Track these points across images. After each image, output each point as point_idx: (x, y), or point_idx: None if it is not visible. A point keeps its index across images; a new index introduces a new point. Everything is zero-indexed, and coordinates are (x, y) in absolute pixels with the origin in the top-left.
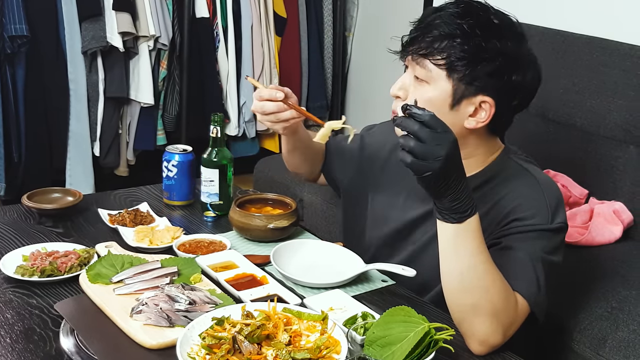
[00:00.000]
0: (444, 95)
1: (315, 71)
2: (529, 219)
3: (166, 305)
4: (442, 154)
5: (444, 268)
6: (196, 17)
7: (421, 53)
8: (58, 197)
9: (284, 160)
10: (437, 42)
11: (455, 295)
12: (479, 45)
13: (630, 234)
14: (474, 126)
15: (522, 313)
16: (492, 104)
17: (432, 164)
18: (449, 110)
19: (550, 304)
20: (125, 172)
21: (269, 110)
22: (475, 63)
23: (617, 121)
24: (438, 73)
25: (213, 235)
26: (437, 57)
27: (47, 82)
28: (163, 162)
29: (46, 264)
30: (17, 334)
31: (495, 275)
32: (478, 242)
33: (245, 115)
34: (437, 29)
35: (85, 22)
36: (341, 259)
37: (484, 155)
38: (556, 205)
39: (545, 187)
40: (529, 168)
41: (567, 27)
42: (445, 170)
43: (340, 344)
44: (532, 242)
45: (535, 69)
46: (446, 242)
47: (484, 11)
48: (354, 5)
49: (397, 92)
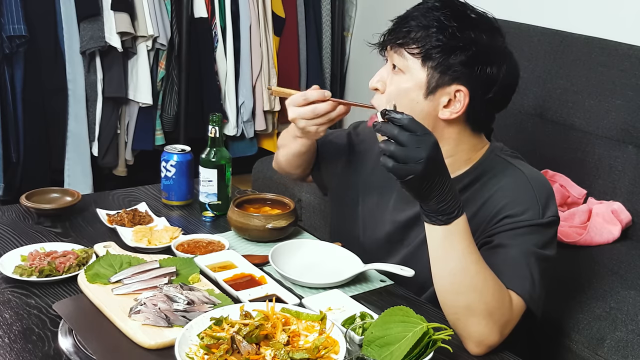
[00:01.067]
0: (420, 83)
1: (313, 71)
2: (520, 215)
3: (165, 305)
4: (422, 156)
5: (434, 270)
6: (195, 17)
7: (398, 43)
8: (56, 197)
9: (283, 161)
10: (413, 32)
11: (447, 297)
12: (453, 34)
13: (629, 234)
14: (448, 117)
15: (517, 311)
16: (466, 93)
17: (414, 166)
18: (423, 99)
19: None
20: (124, 172)
21: (322, 111)
22: (449, 51)
23: (615, 121)
24: (413, 62)
25: (211, 235)
26: (412, 46)
27: (45, 82)
28: (161, 162)
29: (45, 264)
30: (16, 334)
31: (487, 275)
32: (467, 243)
33: (243, 115)
34: (414, 20)
35: (84, 22)
36: (339, 259)
37: (467, 153)
38: (546, 199)
39: (534, 181)
40: (516, 163)
41: (566, 27)
42: (428, 172)
43: (339, 344)
44: (524, 238)
45: (511, 65)
46: (435, 245)
47: (461, 6)
48: (353, 5)
49: (375, 84)
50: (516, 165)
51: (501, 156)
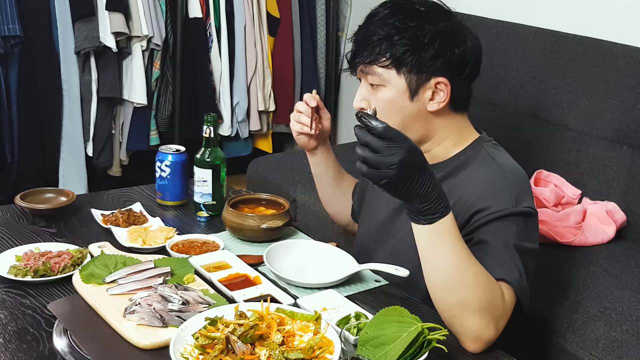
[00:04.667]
0: (402, 90)
1: (308, 71)
2: (492, 207)
3: (159, 305)
4: (395, 161)
5: (425, 269)
6: (189, 17)
7: (367, 62)
8: (51, 197)
9: (322, 200)
10: (378, 47)
11: (440, 295)
12: (415, 34)
13: (623, 234)
14: (437, 108)
15: (509, 302)
16: (447, 82)
17: (387, 172)
18: (410, 102)
19: (544, 304)
20: (119, 172)
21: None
22: (417, 51)
23: (610, 121)
24: (389, 73)
25: (206, 236)
26: (382, 60)
27: (40, 83)
28: (156, 162)
29: (39, 264)
30: (11, 334)
31: (478, 269)
32: (455, 240)
33: (238, 115)
34: (374, 35)
35: (78, 22)
36: (334, 259)
37: (455, 137)
38: (520, 190)
39: (508, 172)
40: (495, 156)
41: (560, 28)
42: (402, 177)
43: (334, 344)
44: (500, 229)
45: (472, 36)
46: (422, 244)
47: (407, 4)
48: (347, 5)
49: (360, 104)
50: (494, 157)
51: (485, 148)
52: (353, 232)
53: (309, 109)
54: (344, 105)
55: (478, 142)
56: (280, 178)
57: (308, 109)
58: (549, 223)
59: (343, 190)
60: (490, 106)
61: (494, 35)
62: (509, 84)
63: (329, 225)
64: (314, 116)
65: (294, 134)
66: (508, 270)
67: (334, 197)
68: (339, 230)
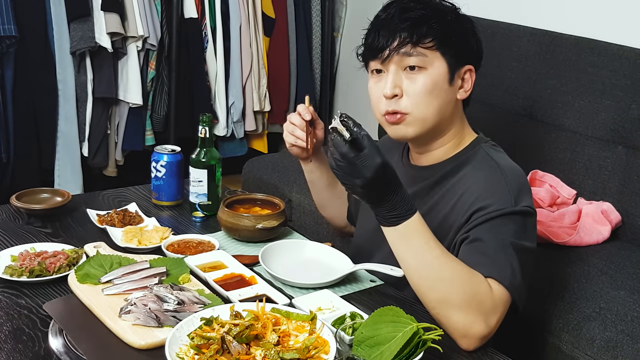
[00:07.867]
0: (443, 73)
1: (303, 72)
2: (491, 206)
3: (155, 305)
4: (366, 175)
5: (402, 268)
6: (185, 17)
7: (411, 42)
8: (47, 197)
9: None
10: (416, 28)
11: (421, 292)
12: (457, 18)
13: (619, 234)
14: (464, 96)
15: (500, 299)
16: (473, 70)
17: (356, 181)
18: (448, 87)
19: (539, 305)
20: (114, 172)
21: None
22: (460, 35)
23: (605, 121)
24: (433, 55)
25: (202, 236)
26: (425, 41)
27: (35, 83)
28: (151, 162)
29: (35, 264)
30: (6, 334)
31: (456, 266)
32: (425, 239)
33: (233, 115)
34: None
35: (74, 22)
36: (330, 259)
37: (459, 136)
38: (519, 190)
39: (508, 172)
40: (494, 156)
41: (555, 28)
42: (369, 189)
43: (329, 344)
44: (498, 228)
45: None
46: (394, 244)
47: None
48: (342, 5)
49: (394, 90)
50: (494, 158)
51: (483, 148)
52: (350, 234)
53: (303, 122)
54: (339, 105)
55: (476, 142)
56: (276, 178)
57: (302, 122)
58: (544, 223)
59: (338, 194)
60: (485, 106)
61: (489, 35)
62: (504, 84)
63: (324, 225)
64: (308, 130)
65: (287, 145)
66: (499, 267)
67: (329, 202)
68: (334, 230)
